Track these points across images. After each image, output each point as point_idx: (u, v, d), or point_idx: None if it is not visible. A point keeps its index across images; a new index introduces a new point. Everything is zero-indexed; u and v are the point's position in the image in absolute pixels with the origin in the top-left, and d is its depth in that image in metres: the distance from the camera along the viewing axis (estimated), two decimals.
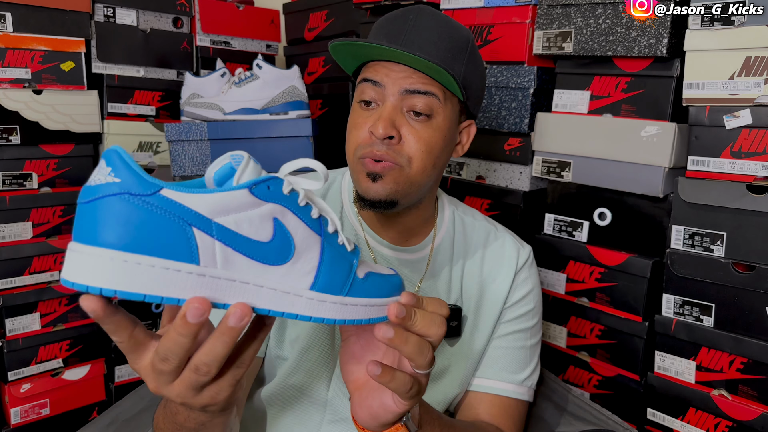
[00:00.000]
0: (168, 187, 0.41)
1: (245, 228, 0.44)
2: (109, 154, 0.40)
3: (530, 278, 0.89)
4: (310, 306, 0.48)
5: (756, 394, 0.91)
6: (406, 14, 0.76)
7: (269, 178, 0.45)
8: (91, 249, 0.39)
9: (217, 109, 1.32)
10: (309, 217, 0.48)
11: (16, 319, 1.34)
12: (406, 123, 0.74)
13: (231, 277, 0.43)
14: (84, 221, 0.40)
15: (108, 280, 0.39)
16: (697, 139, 0.95)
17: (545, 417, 1.00)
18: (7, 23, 1.26)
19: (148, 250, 0.40)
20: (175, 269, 0.40)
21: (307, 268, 0.48)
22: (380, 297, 0.52)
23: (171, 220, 0.40)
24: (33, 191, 1.35)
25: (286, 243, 0.46)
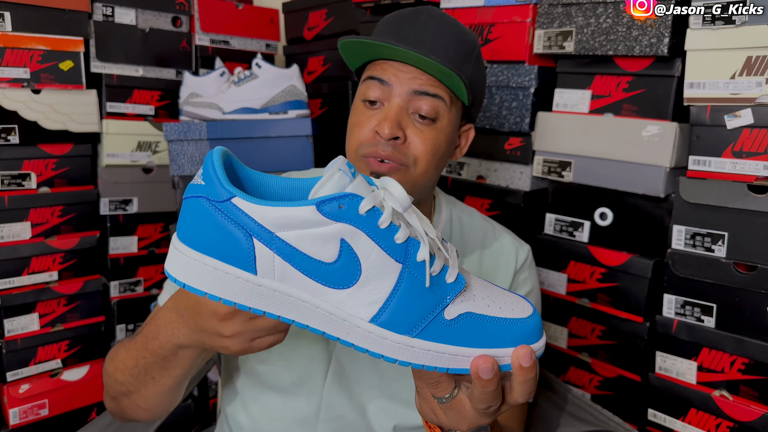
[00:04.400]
0: (241, 196, 0.42)
1: (306, 246, 0.42)
2: (209, 155, 0.43)
3: (530, 278, 0.88)
4: (368, 339, 0.44)
5: (757, 395, 0.91)
6: (417, 15, 0.76)
7: (344, 195, 0.42)
8: (175, 241, 0.44)
9: (216, 108, 1.31)
10: (390, 241, 0.43)
11: (14, 319, 1.33)
12: (411, 124, 0.73)
13: (287, 291, 0.43)
14: (181, 216, 0.44)
15: (182, 274, 0.43)
16: (698, 139, 0.95)
17: (546, 418, 0.99)
18: (6, 22, 1.25)
19: (213, 252, 0.42)
20: (235, 275, 0.42)
21: (374, 297, 0.43)
22: (470, 346, 0.44)
23: (235, 229, 0.42)
24: (32, 191, 1.35)
25: (352, 266, 0.43)
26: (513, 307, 0.46)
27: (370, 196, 0.43)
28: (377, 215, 0.43)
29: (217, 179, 0.42)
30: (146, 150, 1.50)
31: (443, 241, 0.48)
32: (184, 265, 0.43)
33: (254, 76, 1.32)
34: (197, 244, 0.42)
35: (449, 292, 0.45)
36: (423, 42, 0.73)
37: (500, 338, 0.45)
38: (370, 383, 0.79)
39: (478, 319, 0.45)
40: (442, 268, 0.45)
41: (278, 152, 1.32)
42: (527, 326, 0.46)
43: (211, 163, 0.42)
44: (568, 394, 1.05)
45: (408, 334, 0.44)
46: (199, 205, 0.42)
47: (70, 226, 1.41)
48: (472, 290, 0.46)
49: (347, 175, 0.42)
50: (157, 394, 0.69)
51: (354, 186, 0.42)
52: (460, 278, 0.45)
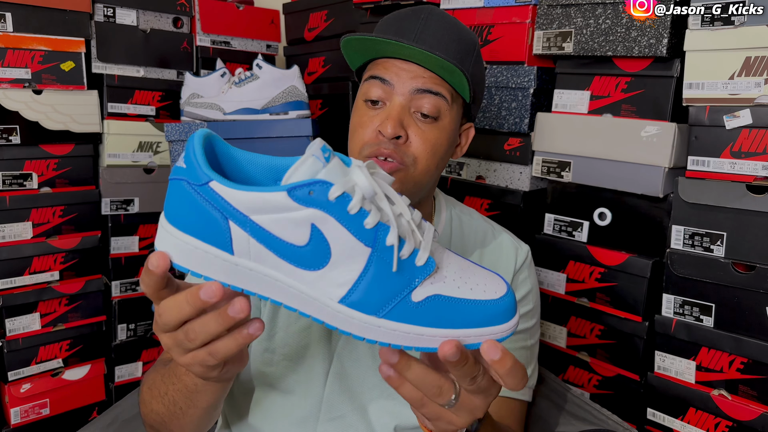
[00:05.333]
0: (217, 180, 0.43)
1: (279, 229, 0.44)
2: (191, 137, 0.45)
3: (529, 278, 0.89)
4: (336, 318, 0.45)
5: (756, 394, 0.91)
6: (417, 13, 0.76)
7: (314, 182, 0.43)
8: (162, 220, 0.46)
9: (217, 109, 1.32)
10: (359, 226, 0.44)
11: (16, 319, 1.34)
12: (413, 123, 0.74)
13: (262, 271, 0.45)
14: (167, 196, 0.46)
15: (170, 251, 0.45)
16: (697, 139, 0.95)
17: (545, 417, 1.00)
18: (7, 23, 1.26)
19: (194, 232, 0.44)
20: (213, 254, 0.44)
21: (343, 279, 0.45)
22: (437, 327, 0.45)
23: (213, 211, 0.44)
24: (33, 191, 1.36)
25: (322, 250, 0.44)
26: (485, 288, 0.47)
27: (340, 182, 0.44)
28: (347, 201, 0.44)
29: (197, 162, 0.44)
30: (147, 150, 1.51)
31: (422, 222, 0.49)
32: (169, 244, 0.45)
33: (255, 77, 1.32)
34: (180, 223, 0.45)
35: (418, 275, 0.46)
36: (424, 39, 0.73)
37: (468, 319, 0.46)
38: (371, 383, 0.80)
39: (446, 301, 0.46)
40: (412, 251, 0.46)
41: (279, 153, 1.32)
42: (496, 307, 0.47)
43: (192, 146, 0.44)
44: (567, 394, 1.05)
45: (375, 314, 0.45)
46: (180, 187, 0.44)
47: (71, 226, 1.41)
48: (443, 272, 0.47)
49: (320, 160, 0.43)
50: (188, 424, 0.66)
51: (327, 171, 0.43)
52: (430, 261, 0.46)
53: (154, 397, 0.67)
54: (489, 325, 0.46)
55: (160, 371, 0.68)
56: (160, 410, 0.66)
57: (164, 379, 0.65)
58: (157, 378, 0.68)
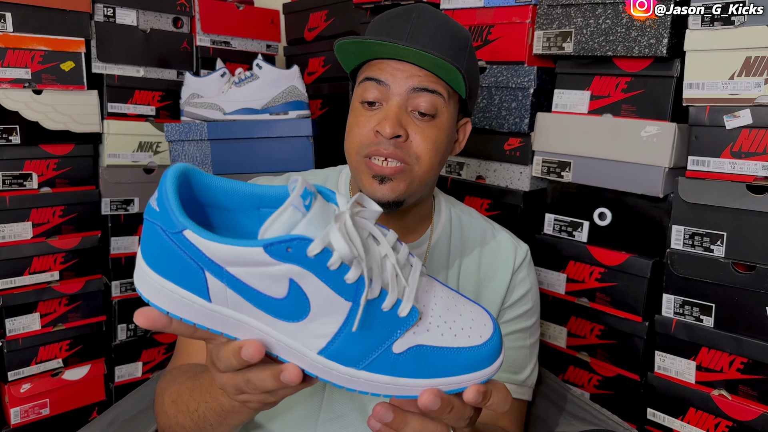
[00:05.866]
0: (191, 228, 0.42)
1: (256, 282, 0.43)
2: (163, 177, 0.44)
3: (528, 277, 0.89)
4: (316, 368, 0.45)
5: (756, 394, 0.91)
6: (409, 12, 0.76)
7: (291, 239, 0.41)
8: (140, 259, 0.45)
9: (217, 109, 1.32)
10: (339, 281, 0.43)
11: (16, 319, 1.34)
12: (411, 122, 0.74)
13: (240, 318, 0.44)
14: (142, 236, 0.46)
15: (148, 293, 0.45)
16: (697, 139, 0.95)
17: (545, 417, 1.00)
18: (7, 23, 1.26)
19: (171, 277, 0.44)
20: (190, 300, 0.44)
21: (323, 331, 0.44)
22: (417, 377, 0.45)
23: (188, 260, 0.43)
24: (33, 191, 1.35)
25: (300, 303, 0.43)
26: (470, 333, 0.46)
27: (319, 238, 0.42)
28: (327, 257, 0.42)
29: (170, 208, 0.42)
30: (147, 150, 1.51)
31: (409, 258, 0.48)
32: (147, 285, 0.45)
33: (255, 77, 1.32)
34: (157, 266, 0.44)
35: (400, 327, 0.44)
36: (417, 37, 0.73)
37: (451, 367, 0.45)
38: None
39: (429, 351, 0.45)
40: (394, 302, 0.45)
41: (279, 153, 1.32)
42: (480, 353, 0.45)
43: (164, 188, 0.42)
44: (567, 394, 1.05)
45: (355, 366, 0.44)
46: (155, 231, 0.43)
47: (71, 226, 1.41)
48: (427, 319, 0.46)
49: (299, 210, 0.41)
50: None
51: (306, 223, 0.41)
52: (414, 311, 0.45)
53: (181, 411, 0.65)
54: (472, 371, 0.45)
55: (187, 385, 0.66)
56: (187, 424, 0.65)
57: (194, 395, 0.64)
58: (184, 392, 0.66)
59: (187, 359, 0.79)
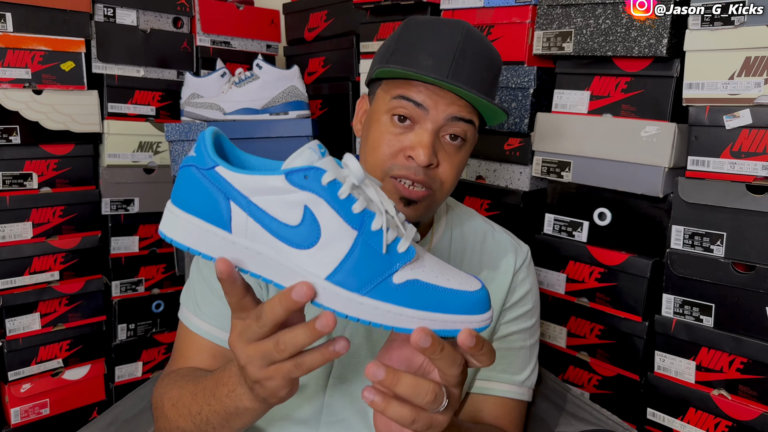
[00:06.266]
0: (222, 164, 0.49)
1: (275, 210, 0.48)
2: (201, 133, 0.50)
3: (528, 278, 0.89)
4: (322, 294, 0.49)
5: (756, 394, 0.91)
6: (453, 33, 0.73)
7: (309, 168, 0.48)
8: (169, 204, 0.51)
9: (217, 109, 1.32)
10: (347, 210, 0.49)
11: (16, 319, 1.34)
12: (441, 148, 0.73)
13: (257, 249, 0.49)
14: (176, 182, 0.51)
15: (171, 231, 0.50)
16: (696, 139, 0.96)
17: (545, 417, 1.00)
18: (7, 23, 1.26)
19: (197, 212, 0.49)
20: (213, 232, 0.49)
21: (331, 258, 0.48)
22: (416, 308, 0.49)
23: (217, 192, 0.49)
24: (33, 191, 1.36)
25: (313, 230, 0.48)
26: (461, 282, 0.51)
27: (332, 169, 0.48)
28: (337, 187, 0.48)
29: (206, 150, 0.49)
30: (147, 150, 1.51)
31: (405, 222, 0.53)
32: (173, 224, 0.50)
33: (255, 77, 1.32)
34: (186, 205, 0.49)
35: (399, 260, 0.50)
36: (462, 67, 0.71)
37: (445, 305, 0.49)
38: None
39: (425, 287, 0.50)
40: (394, 238, 0.50)
41: (279, 153, 1.32)
42: (472, 297, 0.50)
43: (202, 138, 0.50)
44: (567, 394, 1.05)
45: (358, 291, 0.49)
46: (189, 172, 0.50)
47: (71, 226, 1.41)
48: (423, 262, 0.51)
49: (316, 153, 0.48)
50: None
51: (322, 161, 0.48)
52: (411, 249, 0.50)
53: (182, 415, 0.65)
54: (465, 313, 0.50)
55: (189, 389, 0.66)
56: (188, 428, 0.64)
57: (196, 398, 0.63)
58: (185, 395, 0.65)
59: (185, 363, 0.79)
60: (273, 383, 0.52)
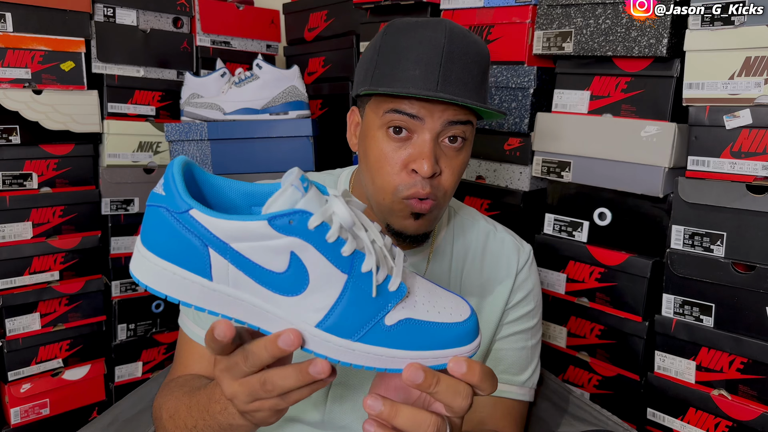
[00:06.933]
0: (197, 208, 0.45)
1: (258, 257, 0.45)
2: (169, 165, 0.46)
3: (530, 278, 0.89)
4: (313, 342, 0.47)
5: (756, 394, 0.91)
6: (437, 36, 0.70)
7: (294, 212, 0.44)
8: (139, 245, 0.47)
9: (217, 109, 1.32)
10: (337, 253, 0.46)
11: (16, 319, 1.34)
12: (443, 154, 0.72)
13: (240, 297, 0.46)
14: (143, 222, 0.47)
15: (144, 276, 0.46)
16: (697, 139, 0.96)
17: (545, 417, 1.00)
18: (7, 23, 1.26)
19: (172, 258, 0.45)
20: (191, 280, 0.45)
21: (321, 304, 0.46)
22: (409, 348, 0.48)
23: (193, 238, 0.45)
24: (33, 191, 1.36)
25: (300, 276, 0.46)
26: (452, 311, 0.50)
27: (319, 212, 0.45)
28: (325, 230, 0.45)
29: (177, 191, 0.45)
30: (147, 150, 1.51)
31: (392, 248, 0.51)
32: (146, 269, 0.46)
33: (255, 77, 1.32)
34: (158, 249, 0.46)
35: (390, 300, 0.48)
36: (450, 75, 0.69)
37: (436, 341, 0.48)
38: None
39: (417, 324, 0.48)
40: (385, 277, 0.48)
41: (279, 152, 1.32)
42: (461, 328, 0.49)
43: (171, 174, 0.45)
44: (567, 394, 1.05)
45: (350, 338, 0.47)
46: (159, 214, 0.45)
47: (71, 226, 1.41)
48: (414, 297, 0.50)
49: (299, 190, 0.45)
50: None
51: (306, 201, 0.45)
52: (402, 286, 0.49)
53: (179, 427, 0.65)
54: (455, 346, 0.49)
55: (185, 401, 0.66)
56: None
57: (191, 412, 0.63)
58: (181, 408, 0.65)
59: (185, 371, 0.79)
60: (260, 414, 0.52)
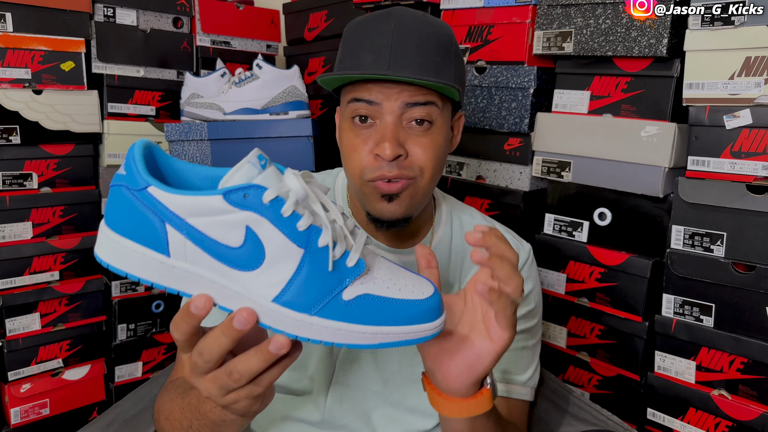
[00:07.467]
0: (155, 185, 0.45)
1: (214, 232, 0.45)
2: (131, 147, 0.47)
3: (530, 278, 0.88)
4: (270, 317, 0.47)
5: (756, 394, 0.91)
6: (386, 22, 0.72)
7: (249, 186, 0.45)
8: (102, 226, 0.48)
9: (217, 109, 1.32)
10: (292, 228, 0.46)
11: (16, 319, 1.34)
12: (409, 136, 0.72)
13: (197, 272, 0.46)
14: (107, 202, 0.48)
15: (106, 254, 0.47)
16: (697, 139, 0.96)
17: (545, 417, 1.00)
18: (7, 23, 1.26)
19: (132, 235, 0.46)
20: (150, 257, 0.46)
21: (277, 279, 0.46)
22: (368, 324, 0.48)
23: (151, 215, 0.45)
24: (33, 191, 1.36)
25: (256, 251, 0.46)
26: (413, 290, 0.50)
27: (274, 186, 0.45)
28: (280, 204, 0.46)
29: (136, 169, 0.46)
30: None
31: (355, 228, 0.52)
32: (108, 248, 0.47)
33: (255, 77, 1.32)
34: (119, 228, 0.46)
35: (348, 275, 0.48)
36: (402, 53, 0.70)
37: (396, 316, 0.49)
38: (373, 391, 0.79)
39: (376, 300, 0.48)
40: (343, 253, 0.48)
41: (279, 152, 1.32)
42: (423, 305, 0.49)
43: (132, 154, 0.47)
44: (567, 394, 1.05)
45: (307, 312, 0.47)
46: (120, 192, 0.46)
47: (71, 226, 1.41)
48: (373, 274, 0.50)
49: (256, 167, 0.45)
50: None
51: (262, 177, 0.45)
52: (360, 263, 0.49)
53: (175, 428, 0.66)
54: (417, 322, 0.49)
55: (178, 403, 0.66)
56: None
57: (185, 413, 0.64)
58: (175, 410, 0.66)
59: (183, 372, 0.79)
60: (241, 404, 0.52)
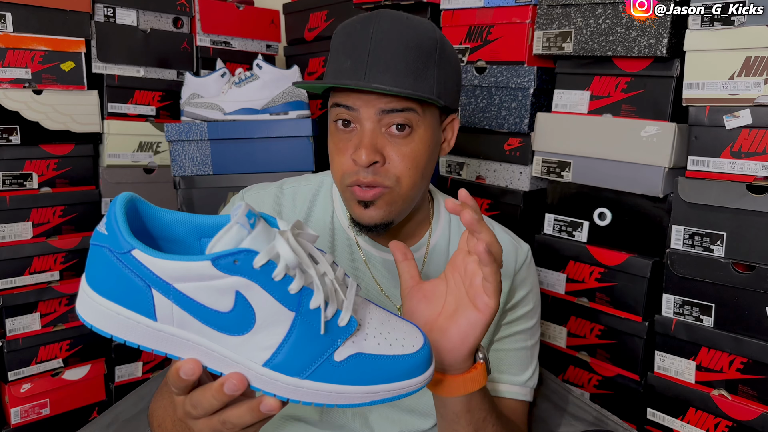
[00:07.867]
0: (140, 248, 0.44)
1: (203, 297, 0.44)
2: (112, 203, 0.45)
3: (529, 278, 0.88)
4: (260, 381, 0.46)
5: (756, 394, 0.91)
6: (366, 27, 0.72)
7: (239, 251, 0.43)
8: (84, 284, 0.46)
9: (217, 109, 1.32)
10: (284, 291, 0.45)
11: (16, 319, 1.34)
12: (388, 143, 0.71)
13: (185, 336, 0.46)
14: (87, 261, 0.46)
15: (90, 316, 0.45)
16: (696, 139, 0.96)
17: (545, 417, 1.00)
18: (7, 23, 1.26)
19: (116, 298, 0.45)
20: (136, 320, 0.45)
21: (268, 342, 0.46)
22: (359, 384, 0.47)
23: (136, 279, 0.44)
24: (33, 191, 1.36)
25: (246, 315, 0.45)
26: (404, 343, 0.50)
27: (265, 250, 0.44)
28: (272, 268, 0.44)
29: (119, 231, 0.44)
30: (147, 150, 1.51)
31: (345, 278, 0.51)
32: (91, 309, 0.45)
33: (255, 77, 1.32)
34: (102, 289, 0.45)
35: (340, 336, 0.47)
36: (379, 59, 0.70)
37: (387, 375, 0.48)
38: None
39: (367, 359, 0.48)
40: (335, 312, 0.47)
41: (279, 153, 1.32)
42: (414, 361, 0.49)
43: (113, 212, 0.45)
44: (567, 394, 1.05)
45: (298, 376, 0.46)
46: (102, 253, 0.45)
47: (71, 226, 1.41)
48: (365, 330, 0.49)
49: (245, 228, 0.44)
50: None
51: (252, 238, 0.44)
52: (352, 321, 0.48)
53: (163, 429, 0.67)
54: (407, 378, 0.49)
55: (169, 413, 0.66)
56: None
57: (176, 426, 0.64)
58: (167, 420, 0.67)
59: None
60: None
